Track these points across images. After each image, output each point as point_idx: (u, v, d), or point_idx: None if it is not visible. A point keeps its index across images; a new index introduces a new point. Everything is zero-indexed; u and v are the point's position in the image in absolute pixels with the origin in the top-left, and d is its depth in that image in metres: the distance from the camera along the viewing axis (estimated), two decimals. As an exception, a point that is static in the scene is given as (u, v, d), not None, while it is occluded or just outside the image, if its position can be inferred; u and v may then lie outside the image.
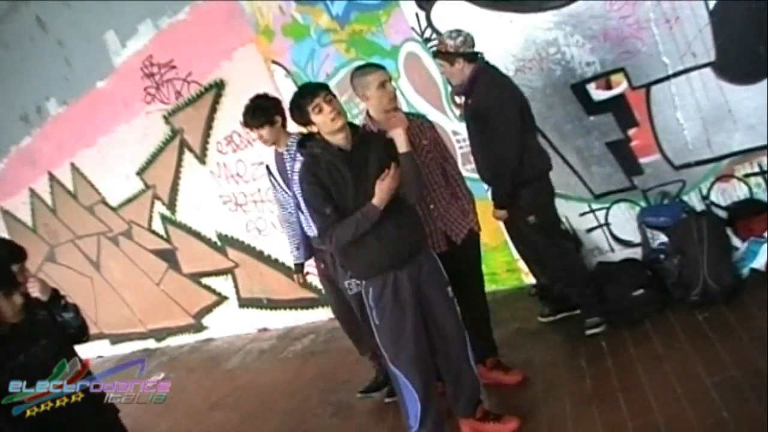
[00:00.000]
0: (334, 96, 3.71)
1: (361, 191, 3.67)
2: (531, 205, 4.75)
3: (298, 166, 4.44)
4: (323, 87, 3.74)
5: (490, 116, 4.58)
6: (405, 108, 5.77)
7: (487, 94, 4.63)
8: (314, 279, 5.90)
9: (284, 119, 4.81)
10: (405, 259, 3.82)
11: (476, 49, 4.74)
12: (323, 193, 3.66)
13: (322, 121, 3.65)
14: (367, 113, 4.30)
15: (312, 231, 4.79)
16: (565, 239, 5.31)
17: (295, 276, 5.48)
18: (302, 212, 4.71)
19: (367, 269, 3.85)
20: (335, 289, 5.04)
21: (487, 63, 4.79)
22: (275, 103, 4.90)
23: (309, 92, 3.68)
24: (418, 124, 4.34)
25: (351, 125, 3.78)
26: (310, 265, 5.35)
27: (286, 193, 4.99)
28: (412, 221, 3.93)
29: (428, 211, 4.30)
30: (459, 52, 4.65)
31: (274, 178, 5.07)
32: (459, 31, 4.70)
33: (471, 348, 4.30)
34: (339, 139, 3.71)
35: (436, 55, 4.84)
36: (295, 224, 5.11)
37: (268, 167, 5.13)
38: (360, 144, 3.77)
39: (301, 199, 4.39)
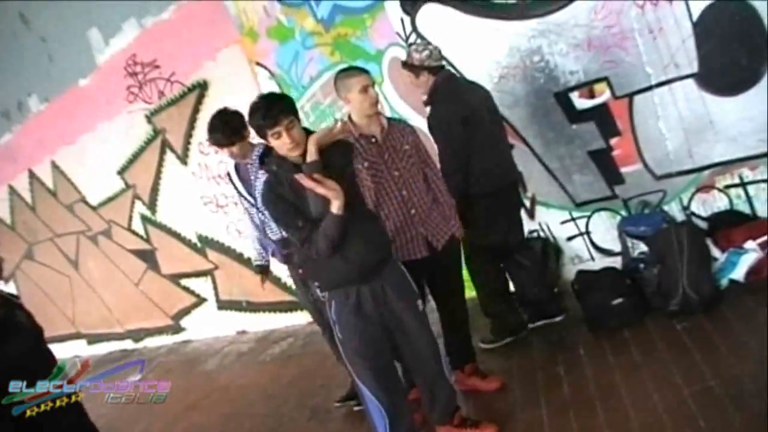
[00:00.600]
0: (298, 121, 3.53)
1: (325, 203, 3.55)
2: (465, 220, 4.73)
3: (261, 176, 4.47)
4: (287, 112, 3.48)
5: (437, 130, 4.69)
6: (388, 112, 5.78)
7: (437, 108, 4.72)
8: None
9: (248, 132, 4.65)
10: (368, 274, 3.73)
11: (442, 62, 4.86)
12: (289, 208, 3.55)
13: (278, 147, 3.50)
14: (349, 117, 4.28)
15: (275, 235, 4.86)
16: (495, 259, 5.24)
17: (260, 278, 5.41)
18: (265, 217, 4.77)
19: (329, 282, 3.76)
20: (311, 295, 4.93)
21: (451, 76, 4.89)
22: (241, 118, 4.64)
23: (272, 116, 3.44)
24: (399, 129, 4.34)
25: (307, 131, 3.61)
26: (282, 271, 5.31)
27: (248, 200, 4.94)
28: (378, 234, 3.87)
29: (409, 216, 4.28)
30: (424, 65, 4.74)
31: (236, 186, 5.01)
32: (426, 45, 4.83)
33: (447, 355, 4.31)
34: (296, 158, 3.56)
35: (404, 66, 4.88)
36: (260, 227, 5.06)
37: (229, 174, 5.06)
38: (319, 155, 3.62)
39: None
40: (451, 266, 4.63)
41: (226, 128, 4.66)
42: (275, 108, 3.46)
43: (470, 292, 4.92)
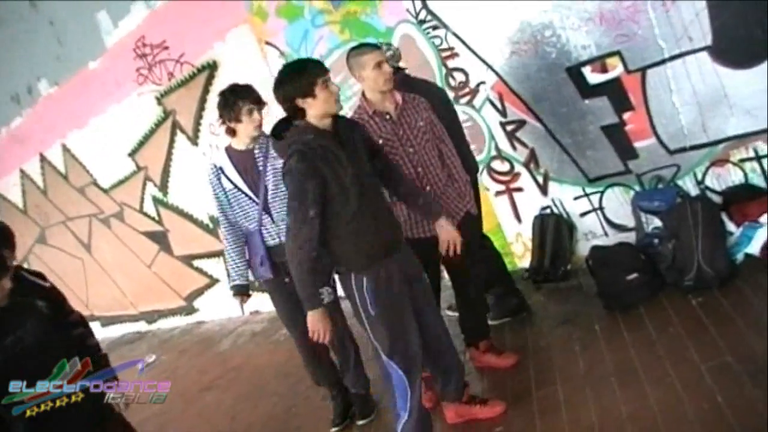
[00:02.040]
0: None
1: (357, 173, 3.57)
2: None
3: (273, 162, 4.43)
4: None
5: None
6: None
7: None
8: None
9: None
10: (396, 248, 3.76)
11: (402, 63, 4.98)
12: (317, 190, 3.48)
13: (326, 99, 3.50)
14: (363, 94, 4.27)
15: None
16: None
17: (242, 299, 4.84)
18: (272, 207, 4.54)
19: (364, 259, 3.67)
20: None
21: (408, 76, 4.92)
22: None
23: (319, 65, 3.58)
24: (414, 105, 4.30)
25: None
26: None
27: (248, 194, 4.56)
28: (391, 210, 3.92)
29: None
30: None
31: (234, 183, 4.57)
32: (389, 45, 4.88)
33: (462, 332, 4.45)
34: (327, 124, 3.59)
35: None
36: (257, 235, 4.60)
37: (221, 169, 4.61)
38: (342, 127, 3.67)
39: (272, 198, 4.46)
40: (467, 243, 4.57)
41: (254, 91, 4.49)
42: (316, 59, 3.65)
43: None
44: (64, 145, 9.40)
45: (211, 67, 7.29)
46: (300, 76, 3.53)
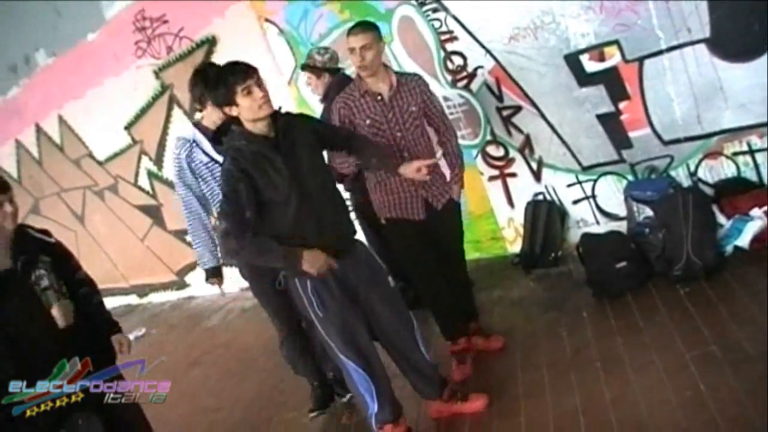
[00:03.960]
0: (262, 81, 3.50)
1: (294, 178, 3.51)
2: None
3: None
4: (255, 68, 3.48)
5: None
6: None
7: (327, 108, 4.87)
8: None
9: None
10: (344, 247, 3.76)
11: (340, 65, 5.19)
12: (249, 194, 3.44)
13: (249, 106, 3.41)
14: (358, 74, 4.31)
15: None
16: None
17: (216, 282, 4.81)
18: None
19: None
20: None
21: (345, 77, 5.05)
22: None
23: (241, 70, 3.42)
24: (410, 88, 4.31)
25: None
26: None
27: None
28: (344, 208, 3.90)
29: (410, 179, 4.22)
30: (326, 67, 5.03)
31: (210, 156, 4.47)
32: (327, 49, 5.16)
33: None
34: (262, 127, 3.51)
35: (304, 68, 5.17)
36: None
37: (195, 142, 4.51)
38: (284, 128, 3.58)
39: None
40: (451, 227, 4.63)
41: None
42: (245, 64, 3.47)
43: (473, 254, 4.92)
44: (60, 117, 9.36)
45: (210, 43, 7.26)
46: (219, 86, 3.45)
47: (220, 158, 4.34)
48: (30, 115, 9.76)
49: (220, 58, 6.99)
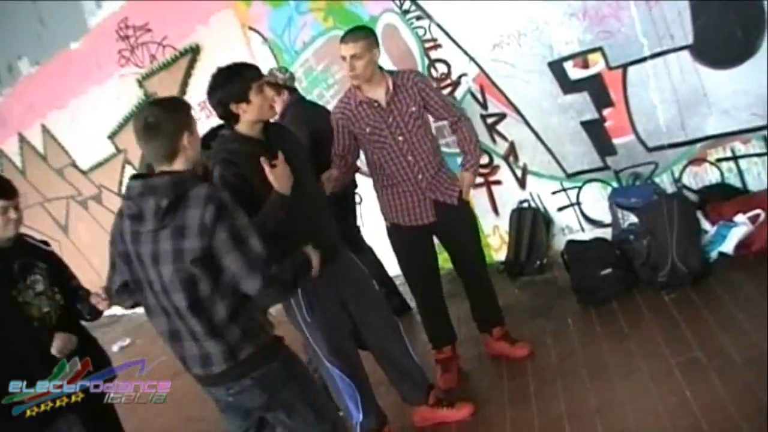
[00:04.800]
0: None
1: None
2: None
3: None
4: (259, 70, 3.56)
5: None
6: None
7: (287, 125, 4.72)
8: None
9: None
10: (333, 252, 3.71)
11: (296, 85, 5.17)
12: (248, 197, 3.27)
13: (260, 104, 3.42)
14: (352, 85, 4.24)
15: None
16: None
17: None
18: None
19: None
20: None
21: (301, 98, 5.09)
22: None
23: (254, 70, 3.48)
24: (407, 89, 4.20)
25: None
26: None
27: None
28: (331, 216, 3.88)
29: (416, 182, 4.20)
30: (285, 84, 4.95)
31: None
32: (286, 69, 5.17)
33: (474, 320, 4.56)
34: (257, 131, 3.50)
35: (267, 85, 4.94)
36: None
37: None
38: (275, 133, 3.59)
39: None
40: (463, 230, 4.51)
41: None
42: (253, 65, 3.55)
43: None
44: (43, 126, 9.32)
45: (194, 51, 7.25)
46: (234, 81, 3.42)
47: None
48: (13, 125, 9.72)
49: (203, 66, 7.00)
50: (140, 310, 9.32)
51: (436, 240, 4.52)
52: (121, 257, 3.04)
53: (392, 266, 5.00)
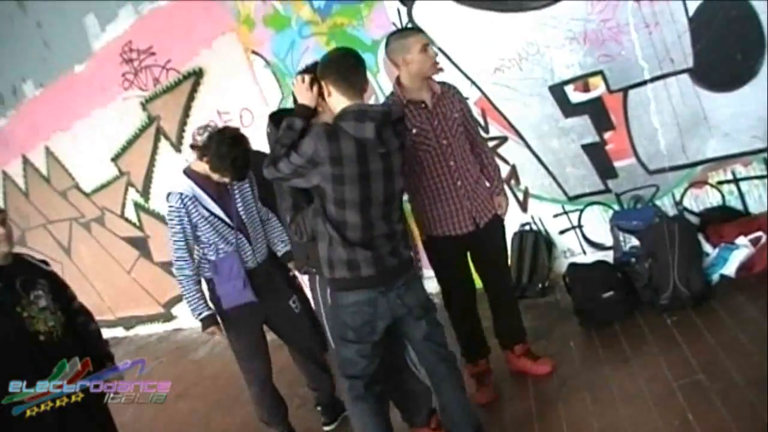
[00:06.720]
0: None
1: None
2: None
3: (240, 186, 4.51)
4: None
5: None
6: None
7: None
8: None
9: None
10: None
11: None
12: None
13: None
14: (398, 80, 4.12)
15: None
16: None
17: (216, 330, 4.63)
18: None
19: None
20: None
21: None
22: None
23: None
24: (450, 95, 4.19)
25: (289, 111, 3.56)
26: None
27: (224, 220, 4.43)
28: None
29: (455, 189, 4.10)
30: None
31: (210, 210, 4.38)
32: (206, 127, 4.80)
33: (496, 336, 4.57)
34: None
35: (192, 147, 4.87)
36: (234, 259, 4.44)
37: (195, 198, 4.38)
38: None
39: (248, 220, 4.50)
40: (495, 245, 4.44)
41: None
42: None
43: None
44: (47, 148, 9.34)
45: (197, 75, 7.28)
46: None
47: (221, 212, 4.41)
48: (17, 147, 9.74)
49: (206, 89, 7.04)
50: (142, 331, 9.34)
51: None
52: None
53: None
